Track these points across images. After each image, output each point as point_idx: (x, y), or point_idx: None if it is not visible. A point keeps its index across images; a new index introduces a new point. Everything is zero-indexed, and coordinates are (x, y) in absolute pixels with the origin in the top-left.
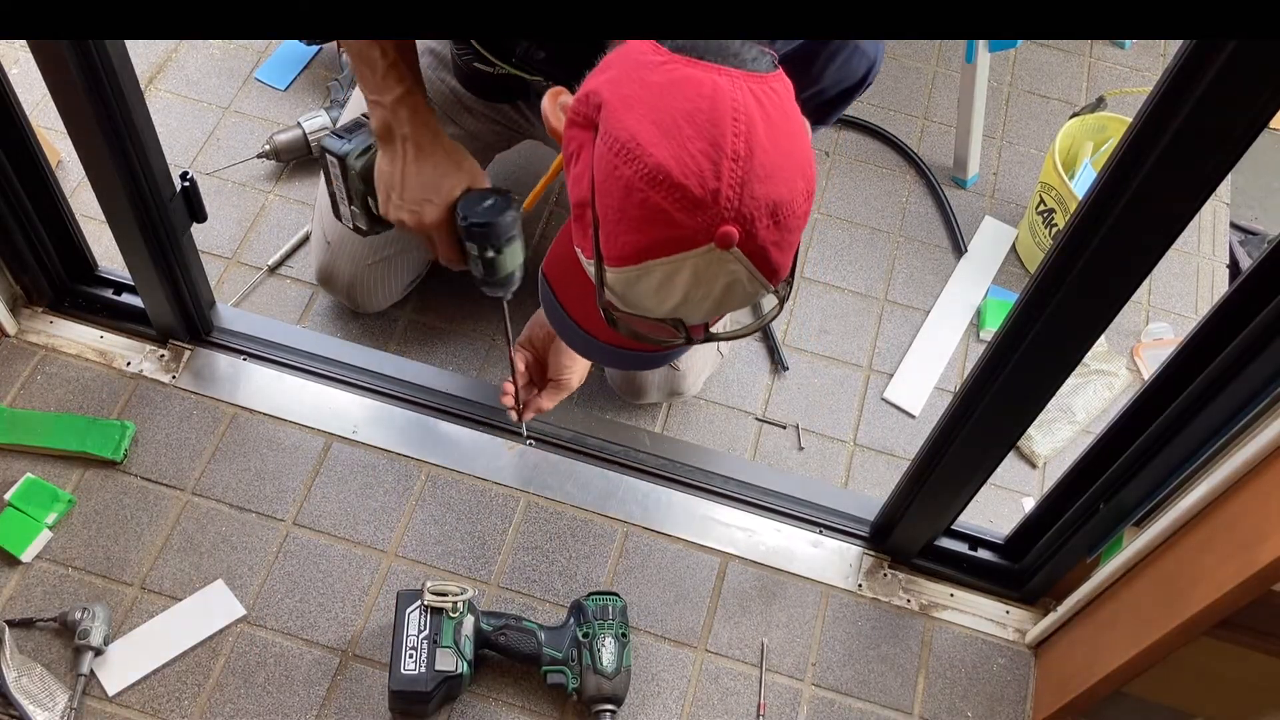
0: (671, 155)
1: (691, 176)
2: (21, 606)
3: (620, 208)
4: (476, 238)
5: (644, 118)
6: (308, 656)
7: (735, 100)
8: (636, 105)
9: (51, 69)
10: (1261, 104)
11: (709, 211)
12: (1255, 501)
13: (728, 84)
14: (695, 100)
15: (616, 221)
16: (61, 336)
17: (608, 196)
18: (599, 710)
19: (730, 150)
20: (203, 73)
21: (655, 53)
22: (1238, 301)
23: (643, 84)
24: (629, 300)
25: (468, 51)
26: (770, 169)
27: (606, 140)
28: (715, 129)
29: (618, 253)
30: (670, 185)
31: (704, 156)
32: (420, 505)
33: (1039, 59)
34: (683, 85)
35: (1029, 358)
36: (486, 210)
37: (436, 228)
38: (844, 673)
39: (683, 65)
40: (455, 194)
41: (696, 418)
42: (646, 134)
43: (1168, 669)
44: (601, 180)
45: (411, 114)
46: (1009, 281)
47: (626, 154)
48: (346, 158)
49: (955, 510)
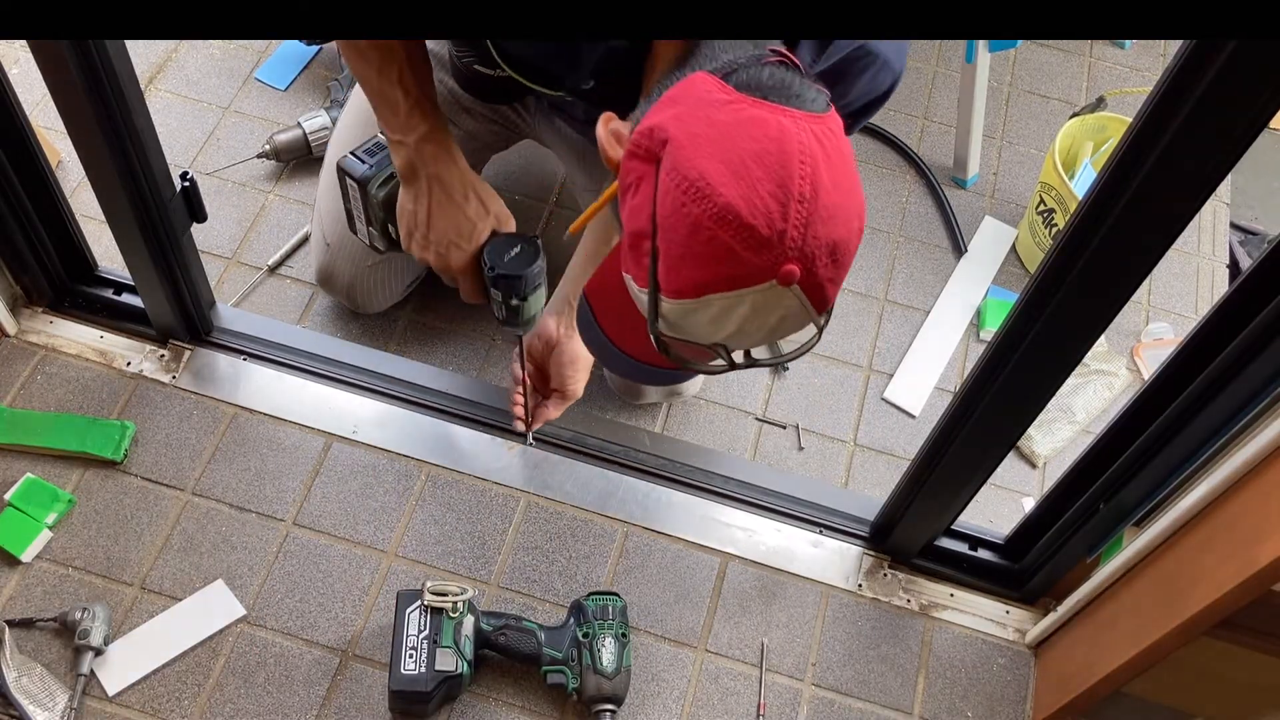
0: (741, 196)
1: (759, 217)
2: (21, 606)
3: (685, 244)
4: (503, 287)
5: (713, 157)
6: (308, 656)
7: (801, 143)
8: (705, 144)
9: (51, 69)
10: (1261, 104)
11: (774, 251)
12: (1255, 501)
13: (793, 126)
14: (763, 142)
15: (680, 257)
16: (61, 336)
17: (672, 232)
18: (599, 710)
19: (797, 192)
20: (203, 73)
21: (721, 91)
22: (1238, 301)
23: (710, 122)
24: (681, 328)
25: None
26: (832, 210)
27: (673, 177)
28: (783, 171)
29: (678, 286)
30: (739, 225)
31: (772, 198)
32: (420, 505)
33: (1039, 59)
34: (750, 126)
35: (1029, 358)
36: (515, 261)
37: (462, 271)
38: (844, 673)
39: (749, 106)
40: (482, 238)
41: (696, 418)
42: (716, 173)
43: (1168, 669)
44: (666, 216)
45: (437, 152)
46: (1009, 281)
47: (695, 192)
48: (368, 185)
49: (955, 510)
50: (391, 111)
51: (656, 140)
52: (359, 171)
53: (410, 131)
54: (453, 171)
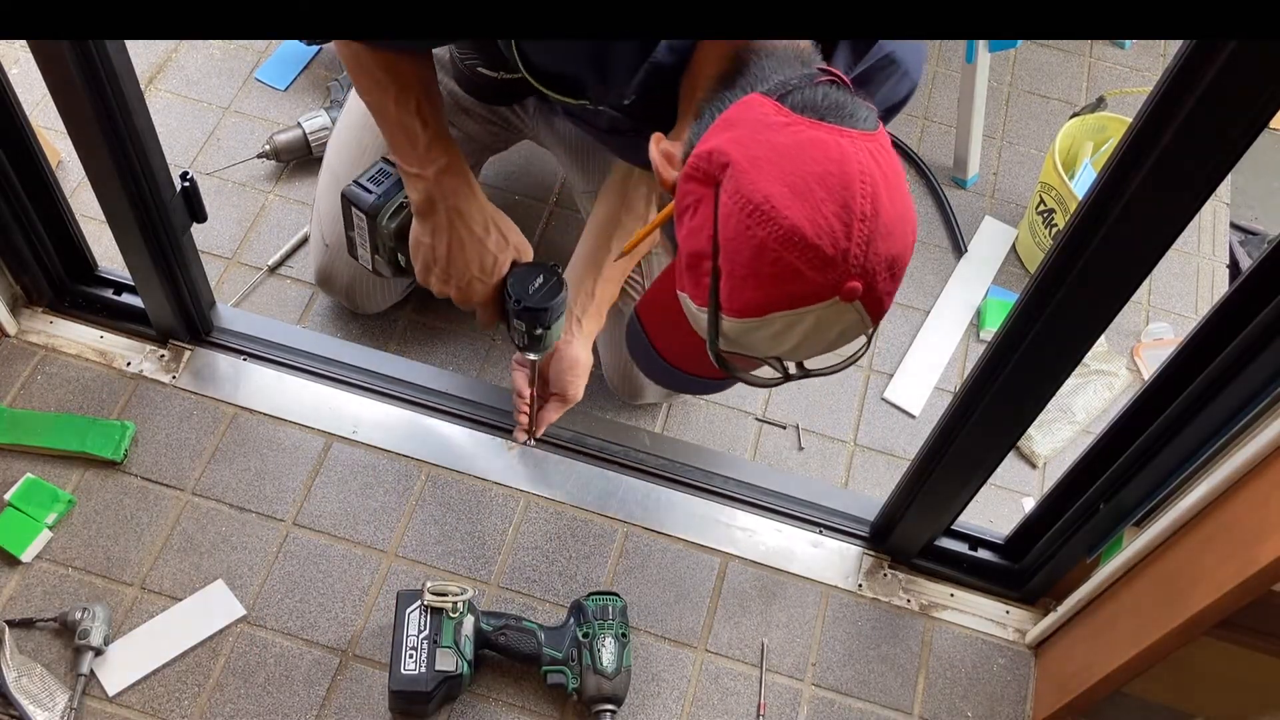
0: (806, 217)
1: (824, 237)
2: (21, 606)
3: (750, 265)
4: (528, 319)
5: (776, 179)
6: (308, 656)
7: (860, 162)
8: (767, 167)
9: (51, 69)
10: (1261, 104)
11: (838, 269)
12: (1255, 501)
13: (851, 146)
14: (825, 164)
15: (744, 277)
16: (61, 336)
17: (737, 254)
18: (599, 710)
19: (859, 211)
20: (203, 73)
21: (779, 114)
22: (1238, 301)
23: (771, 146)
24: (741, 344)
25: (472, 56)
26: (890, 226)
27: (737, 200)
28: (845, 191)
29: (742, 305)
30: (804, 246)
31: (836, 218)
32: (420, 505)
33: (1039, 59)
34: (811, 148)
35: (1029, 358)
36: (539, 294)
37: (483, 305)
38: (844, 673)
39: (807, 128)
40: (504, 271)
41: (696, 418)
42: (780, 196)
43: (1168, 669)
44: (730, 238)
45: (457, 185)
46: (1009, 281)
47: (760, 215)
48: (378, 216)
49: (955, 510)
50: (410, 144)
51: (716, 164)
52: (367, 203)
53: (429, 164)
54: (473, 204)
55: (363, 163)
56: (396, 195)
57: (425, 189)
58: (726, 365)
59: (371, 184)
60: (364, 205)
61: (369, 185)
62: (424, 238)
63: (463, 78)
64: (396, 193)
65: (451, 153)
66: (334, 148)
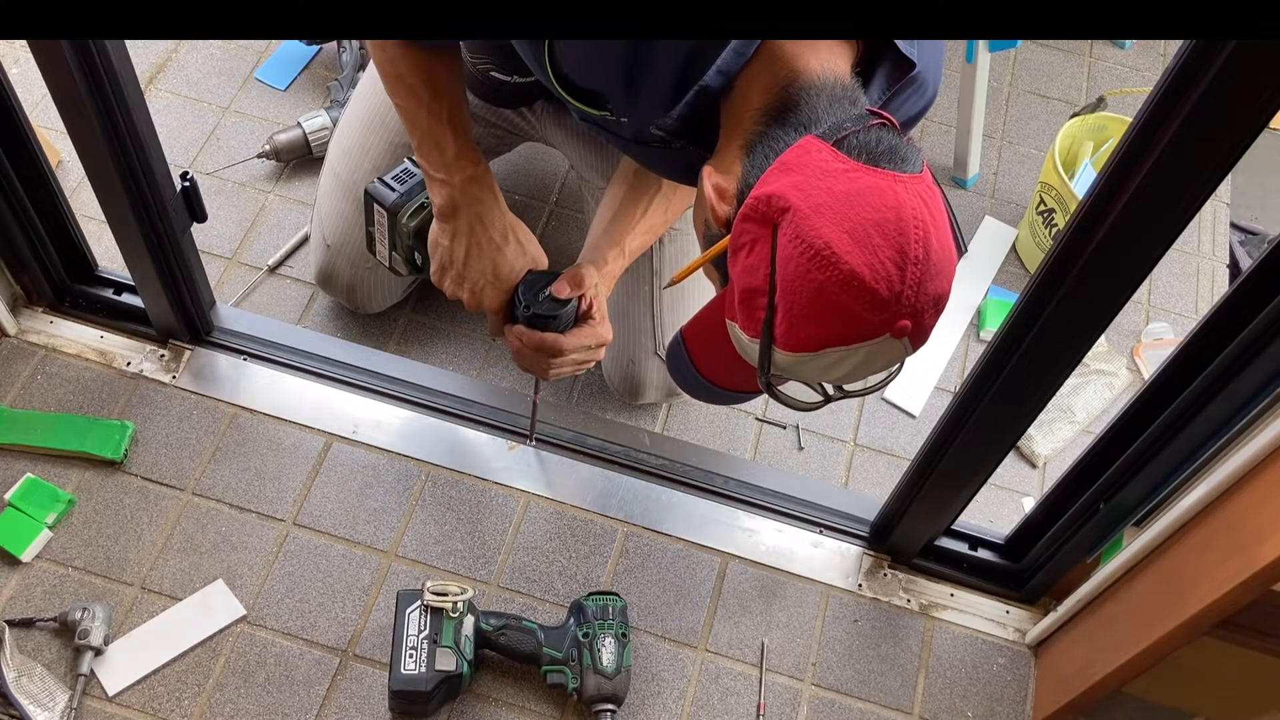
0: (865, 263)
1: (881, 282)
2: (21, 606)
3: (808, 305)
4: (538, 326)
5: (836, 226)
6: (308, 656)
7: (913, 208)
8: (827, 213)
9: (51, 69)
10: (1261, 104)
11: (890, 310)
12: (1255, 501)
13: (905, 192)
14: (882, 210)
15: (801, 316)
16: (61, 336)
17: (795, 294)
18: (599, 710)
19: (912, 255)
20: (203, 73)
21: (836, 160)
22: (1238, 301)
23: (830, 192)
24: (791, 373)
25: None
26: (939, 267)
27: (798, 245)
28: (901, 238)
29: (797, 342)
30: (862, 290)
31: (892, 263)
32: (420, 505)
33: (1039, 59)
34: (869, 195)
35: (1029, 358)
36: (551, 302)
37: (494, 311)
38: (844, 673)
39: (864, 174)
40: (517, 278)
41: (696, 418)
42: (840, 242)
43: (1168, 669)
44: (790, 279)
45: (482, 193)
46: (1009, 281)
47: (821, 260)
48: (398, 214)
49: (955, 510)
50: (439, 150)
51: (775, 208)
52: (389, 200)
53: (457, 171)
54: (494, 213)
55: (365, 164)
56: (418, 195)
57: (450, 194)
58: (773, 391)
59: (395, 182)
60: (386, 202)
61: (392, 183)
62: (443, 240)
63: (473, 80)
64: (419, 193)
65: (479, 162)
66: (336, 149)
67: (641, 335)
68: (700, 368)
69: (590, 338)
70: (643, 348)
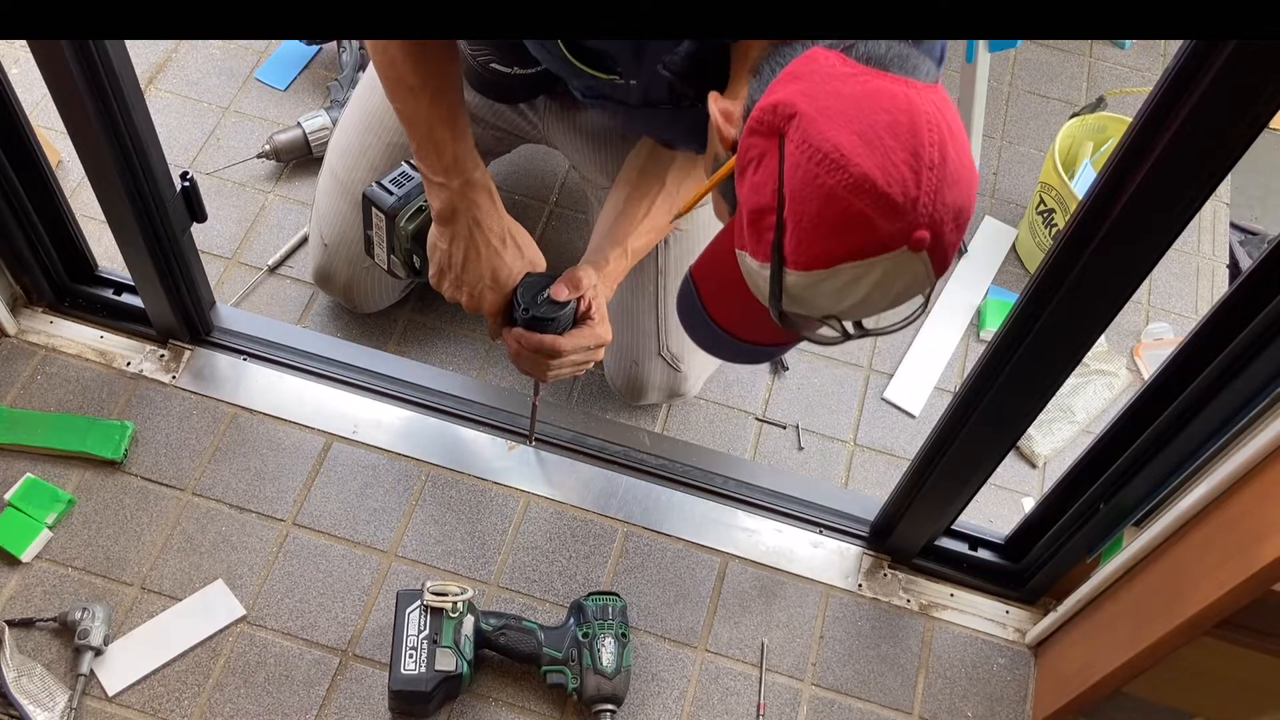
0: (876, 165)
1: (895, 185)
2: (21, 606)
3: (818, 214)
4: (535, 328)
5: (845, 128)
6: (308, 656)
7: (927, 113)
8: (835, 116)
9: (51, 69)
10: (1261, 104)
11: (907, 217)
12: (1255, 501)
13: (917, 96)
14: (894, 113)
15: (812, 228)
16: (61, 336)
17: (804, 204)
18: (599, 710)
19: (927, 160)
20: (203, 73)
21: (844, 65)
22: (1238, 301)
23: (838, 95)
24: (804, 300)
25: (485, 51)
26: (956, 175)
27: (805, 149)
28: (914, 139)
29: (809, 258)
30: (875, 193)
31: (906, 166)
32: (420, 505)
33: (1039, 59)
34: (879, 98)
35: (1029, 358)
36: (548, 303)
37: (492, 314)
38: (844, 673)
39: (874, 78)
40: (515, 281)
41: (696, 418)
42: (850, 144)
43: (1168, 669)
44: (797, 188)
45: (481, 197)
46: (1009, 281)
47: (830, 163)
48: (396, 217)
49: (955, 510)
50: (437, 153)
51: (782, 115)
52: (387, 204)
53: (455, 175)
54: (493, 217)
55: (363, 164)
56: (417, 198)
57: (449, 198)
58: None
59: (393, 185)
60: (384, 206)
61: (390, 187)
62: (441, 243)
63: (473, 74)
64: (417, 196)
65: (477, 166)
66: (334, 149)
67: (645, 337)
68: (711, 311)
69: (589, 339)
70: (646, 349)
